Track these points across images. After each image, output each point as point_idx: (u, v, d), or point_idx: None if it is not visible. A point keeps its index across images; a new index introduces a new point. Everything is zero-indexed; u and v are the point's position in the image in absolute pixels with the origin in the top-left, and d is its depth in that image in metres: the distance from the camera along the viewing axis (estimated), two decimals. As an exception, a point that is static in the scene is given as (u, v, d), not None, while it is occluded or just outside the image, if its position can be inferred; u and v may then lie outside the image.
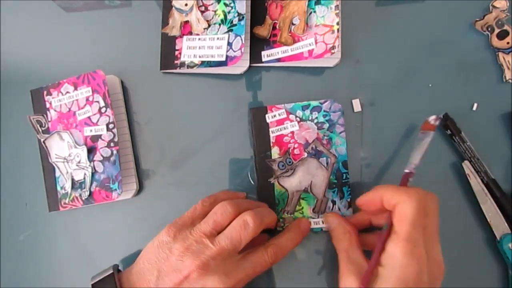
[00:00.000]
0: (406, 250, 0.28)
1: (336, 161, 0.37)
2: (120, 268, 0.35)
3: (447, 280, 0.31)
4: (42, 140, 0.40)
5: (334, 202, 0.36)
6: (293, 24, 0.38)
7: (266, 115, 0.38)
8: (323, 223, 0.36)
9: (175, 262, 0.31)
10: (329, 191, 0.36)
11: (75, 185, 0.39)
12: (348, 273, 0.30)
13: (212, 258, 0.30)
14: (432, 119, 0.34)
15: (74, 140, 0.39)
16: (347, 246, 0.32)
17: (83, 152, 0.39)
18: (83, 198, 0.39)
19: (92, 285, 0.32)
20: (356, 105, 0.36)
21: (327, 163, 0.37)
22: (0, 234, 0.42)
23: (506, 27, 0.38)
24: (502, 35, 0.38)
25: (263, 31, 0.36)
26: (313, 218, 0.36)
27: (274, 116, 0.38)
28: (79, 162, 0.39)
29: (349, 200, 0.36)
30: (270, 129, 0.38)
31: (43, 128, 0.40)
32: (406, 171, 0.33)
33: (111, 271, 0.33)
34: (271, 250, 0.33)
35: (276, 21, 0.36)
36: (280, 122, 0.38)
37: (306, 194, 0.37)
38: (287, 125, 0.38)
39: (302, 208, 0.37)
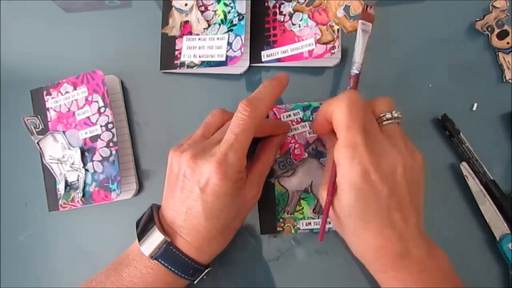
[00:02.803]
0: (347, 155, 0.28)
1: (336, 161, 0.37)
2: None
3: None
4: (36, 141, 0.40)
5: (334, 202, 0.36)
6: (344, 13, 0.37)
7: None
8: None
9: (175, 169, 0.32)
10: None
11: (69, 186, 0.39)
12: (321, 186, 0.32)
13: (201, 150, 0.31)
14: (370, 8, 0.33)
15: (68, 141, 0.39)
16: (328, 159, 0.33)
17: (76, 153, 0.39)
18: (76, 200, 0.39)
19: (136, 221, 0.33)
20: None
21: (327, 163, 0.37)
22: (0, 234, 0.42)
23: (506, 27, 0.38)
24: (502, 35, 0.38)
25: (326, 37, 0.36)
26: (314, 218, 0.36)
27: (289, 116, 0.38)
28: (72, 163, 0.39)
29: None
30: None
31: (37, 129, 0.40)
32: (354, 72, 0.32)
33: (150, 209, 0.34)
34: (242, 104, 0.30)
35: (330, 23, 0.37)
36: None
37: (307, 194, 0.37)
38: (298, 126, 0.38)
39: (303, 208, 0.37)
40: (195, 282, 0.33)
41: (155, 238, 0.31)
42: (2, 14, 0.45)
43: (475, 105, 0.37)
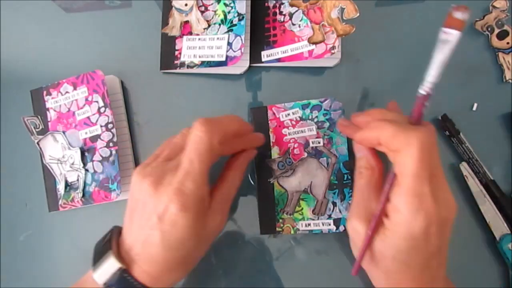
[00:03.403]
0: (412, 207, 0.25)
1: (337, 161, 0.37)
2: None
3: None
4: (36, 141, 0.40)
5: (334, 204, 0.36)
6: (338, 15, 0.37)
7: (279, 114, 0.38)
8: (323, 225, 0.36)
9: (136, 194, 0.31)
10: (330, 192, 0.36)
11: (69, 186, 0.39)
12: (356, 216, 0.29)
13: (161, 174, 0.30)
14: (459, 11, 0.25)
15: (68, 141, 0.39)
16: (364, 185, 0.30)
17: (76, 154, 0.39)
18: (76, 200, 0.39)
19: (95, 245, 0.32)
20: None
21: (327, 163, 0.37)
22: (0, 234, 0.42)
23: (506, 27, 0.38)
24: (502, 35, 0.38)
25: (317, 36, 0.36)
26: (313, 219, 0.36)
27: (288, 115, 0.38)
28: (72, 163, 0.39)
29: (350, 202, 0.36)
30: (288, 129, 0.38)
31: (37, 129, 0.40)
32: (421, 92, 0.27)
33: (109, 233, 0.32)
34: (197, 121, 0.30)
35: (323, 23, 0.36)
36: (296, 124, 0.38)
37: (306, 195, 0.37)
38: (305, 128, 0.38)
39: (302, 209, 0.37)
40: None
41: (110, 265, 0.29)
42: (2, 14, 0.45)
43: (475, 105, 0.37)
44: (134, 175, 0.31)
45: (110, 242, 0.30)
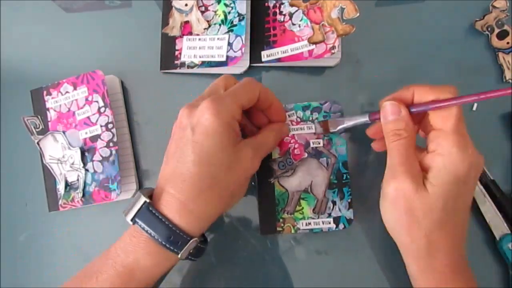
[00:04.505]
0: (460, 144, 0.27)
1: (337, 162, 0.37)
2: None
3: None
4: (36, 141, 0.40)
5: (334, 203, 0.36)
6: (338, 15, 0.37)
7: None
8: (323, 223, 0.36)
9: (177, 124, 0.31)
10: (330, 192, 0.36)
11: (69, 186, 0.39)
12: (404, 175, 0.29)
13: (200, 98, 0.31)
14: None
15: (68, 141, 0.39)
16: (407, 145, 0.30)
17: (76, 153, 0.39)
18: (76, 200, 0.39)
19: None
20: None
21: (327, 163, 0.37)
22: (0, 234, 0.42)
23: (506, 27, 0.38)
24: (502, 35, 0.38)
25: (317, 36, 0.36)
26: (313, 218, 0.36)
27: (289, 116, 0.38)
28: (72, 163, 0.39)
29: (349, 200, 0.36)
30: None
31: (37, 129, 0.40)
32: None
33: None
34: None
35: (323, 23, 0.37)
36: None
37: (306, 194, 0.37)
38: (304, 126, 0.38)
39: (302, 208, 0.37)
40: (180, 255, 0.29)
41: (138, 202, 0.29)
42: (2, 14, 0.45)
43: (475, 105, 0.37)
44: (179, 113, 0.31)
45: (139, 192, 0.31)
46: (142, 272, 0.29)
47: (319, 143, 0.37)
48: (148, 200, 0.29)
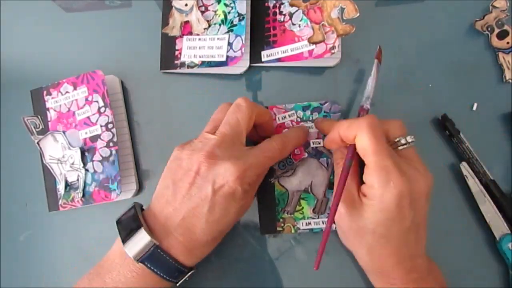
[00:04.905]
0: (381, 179, 0.28)
1: (336, 161, 0.37)
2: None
3: (447, 280, 0.31)
4: (36, 141, 0.40)
5: (334, 202, 0.36)
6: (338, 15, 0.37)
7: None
8: (323, 223, 0.36)
9: (185, 165, 0.31)
10: (330, 192, 0.36)
11: (69, 186, 0.39)
12: (343, 201, 0.31)
13: (216, 146, 0.31)
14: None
15: (68, 141, 0.39)
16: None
17: (76, 153, 0.39)
18: (76, 200, 0.39)
19: (117, 221, 0.32)
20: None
21: (327, 163, 0.37)
22: (0, 234, 0.42)
23: (506, 27, 0.38)
24: (502, 35, 0.38)
25: (317, 36, 0.36)
26: (313, 218, 0.36)
27: (289, 116, 0.38)
28: (72, 163, 0.39)
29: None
30: (286, 130, 0.38)
31: (37, 129, 0.40)
32: (364, 106, 0.33)
33: (133, 209, 0.32)
34: (277, 137, 0.34)
35: (323, 23, 0.37)
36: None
37: (307, 194, 0.37)
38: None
39: (302, 208, 0.37)
40: (178, 284, 0.32)
41: (142, 240, 0.30)
42: (2, 14, 0.45)
43: (475, 105, 0.37)
44: (179, 149, 0.32)
45: (137, 217, 0.31)
46: None
47: (319, 143, 0.37)
48: (157, 243, 0.30)
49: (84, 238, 0.41)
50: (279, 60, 0.39)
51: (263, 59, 0.39)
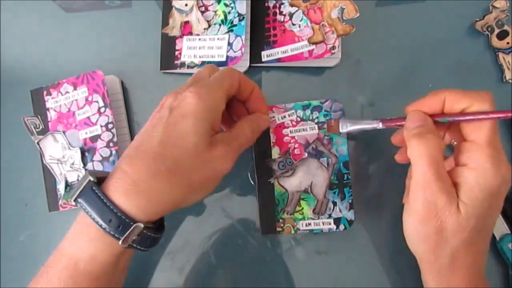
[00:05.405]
0: (494, 160, 0.25)
1: (337, 162, 0.37)
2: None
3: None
4: (36, 141, 0.40)
5: (334, 203, 0.36)
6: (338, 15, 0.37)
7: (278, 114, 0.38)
8: (323, 224, 0.36)
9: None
10: (330, 192, 0.36)
11: (69, 186, 0.39)
12: (440, 191, 0.26)
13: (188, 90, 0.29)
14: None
15: (68, 141, 0.39)
16: (438, 157, 0.26)
17: (76, 154, 0.39)
18: None
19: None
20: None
21: (327, 163, 0.37)
22: (0, 234, 0.42)
23: (506, 27, 0.38)
24: (502, 35, 0.38)
25: (317, 36, 0.36)
26: (313, 219, 0.36)
27: (289, 115, 0.38)
28: (72, 164, 0.39)
29: (350, 201, 0.36)
30: (288, 129, 0.38)
31: (37, 129, 0.40)
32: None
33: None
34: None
35: (323, 23, 0.37)
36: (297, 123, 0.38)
37: (306, 195, 0.37)
38: (306, 126, 0.38)
39: (302, 208, 0.37)
40: (121, 242, 0.25)
41: (84, 181, 0.26)
42: (2, 14, 0.45)
43: (475, 105, 0.37)
44: None
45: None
46: (86, 263, 0.26)
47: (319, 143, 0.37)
48: (92, 179, 0.26)
49: (84, 238, 0.41)
50: (279, 60, 0.39)
51: (263, 59, 0.39)
